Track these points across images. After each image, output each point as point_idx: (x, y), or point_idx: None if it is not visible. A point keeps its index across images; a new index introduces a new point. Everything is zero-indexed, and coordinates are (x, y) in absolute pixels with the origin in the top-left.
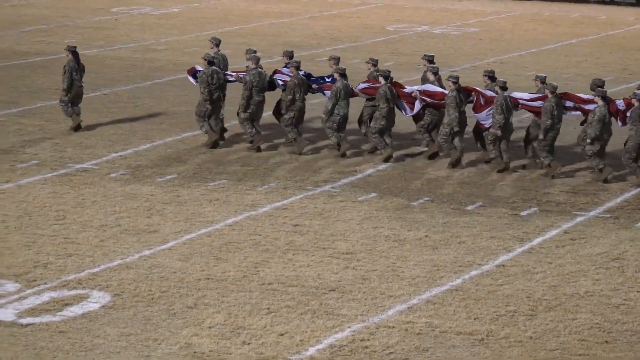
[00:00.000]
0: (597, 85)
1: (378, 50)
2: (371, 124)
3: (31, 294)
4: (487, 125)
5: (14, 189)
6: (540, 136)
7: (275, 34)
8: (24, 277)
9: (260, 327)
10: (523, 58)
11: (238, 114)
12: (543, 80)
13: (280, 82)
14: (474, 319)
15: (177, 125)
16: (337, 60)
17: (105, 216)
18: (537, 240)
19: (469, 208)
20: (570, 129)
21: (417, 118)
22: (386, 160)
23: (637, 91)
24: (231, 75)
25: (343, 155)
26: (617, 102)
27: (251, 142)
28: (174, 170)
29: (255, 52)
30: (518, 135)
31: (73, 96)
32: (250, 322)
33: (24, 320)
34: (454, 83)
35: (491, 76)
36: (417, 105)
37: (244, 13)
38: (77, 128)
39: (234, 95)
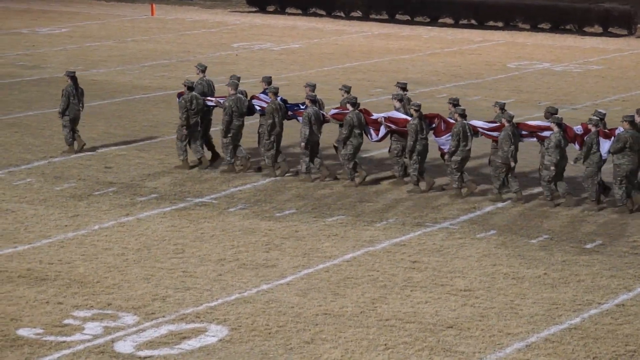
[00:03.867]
0: (551, 113)
1: (499, 87)
2: (342, 152)
3: (149, 327)
4: (445, 150)
5: (133, 222)
6: (513, 164)
7: (396, 70)
8: (142, 310)
9: None
10: None
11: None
12: (502, 107)
13: (258, 108)
14: (593, 358)
15: (296, 161)
16: (312, 87)
17: (224, 250)
18: None
19: (588, 246)
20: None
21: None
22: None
23: (592, 117)
24: (211, 101)
25: (313, 181)
26: (575, 127)
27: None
28: (293, 205)
29: (239, 78)
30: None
31: (72, 119)
32: (367, 358)
33: (142, 353)
34: (416, 111)
35: (455, 104)
36: (382, 131)
37: (365, 49)
38: (81, 149)
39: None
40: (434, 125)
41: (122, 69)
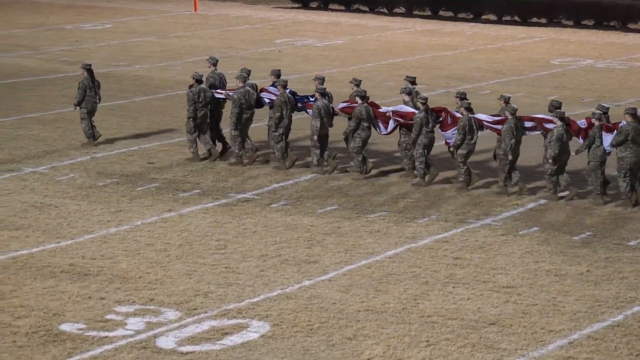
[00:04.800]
0: (555, 107)
1: (542, 84)
2: (351, 145)
3: (191, 323)
4: (451, 144)
5: (175, 217)
6: (510, 157)
7: (439, 66)
8: (184, 305)
9: None
10: None
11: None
12: (507, 101)
13: (267, 100)
14: (636, 355)
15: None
16: (321, 80)
17: (266, 246)
18: None
19: (631, 243)
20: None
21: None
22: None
23: (596, 111)
24: (220, 93)
25: (324, 173)
26: (580, 121)
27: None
28: (335, 201)
29: (249, 72)
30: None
31: (89, 112)
32: (409, 355)
33: (184, 349)
34: (423, 104)
35: (462, 98)
36: (391, 125)
37: (408, 45)
38: (95, 140)
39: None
40: (440, 119)
41: (164, 64)
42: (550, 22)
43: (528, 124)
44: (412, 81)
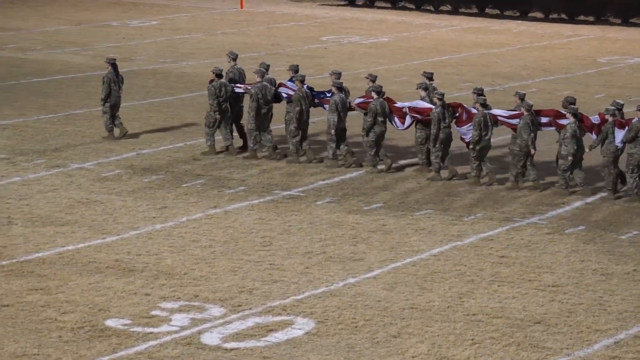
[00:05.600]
0: (570, 103)
1: (589, 82)
2: (365, 139)
3: (236, 319)
4: (467, 140)
5: (221, 214)
6: (532, 151)
7: (485, 64)
8: (229, 302)
9: (464, 358)
10: None
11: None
12: (522, 97)
13: (285, 95)
14: None
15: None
16: (338, 75)
17: (311, 243)
18: None
19: None
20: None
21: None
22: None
23: (609, 107)
24: (240, 88)
25: (340, 167)
26: (592, 117)
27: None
28: (380, 198)
29: (268, 66)
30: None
31: (112, 106)
32: (454, 353)
33: (228, 345)
34: (439, 100)
35: (479, 94)
36: (408, 121)
37: (454, 43)
38: (124, 136)
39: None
40: (457, 115)
41: (210, 61)
42: (597, 20)
43: (544, 120)
44: (429, 77)
